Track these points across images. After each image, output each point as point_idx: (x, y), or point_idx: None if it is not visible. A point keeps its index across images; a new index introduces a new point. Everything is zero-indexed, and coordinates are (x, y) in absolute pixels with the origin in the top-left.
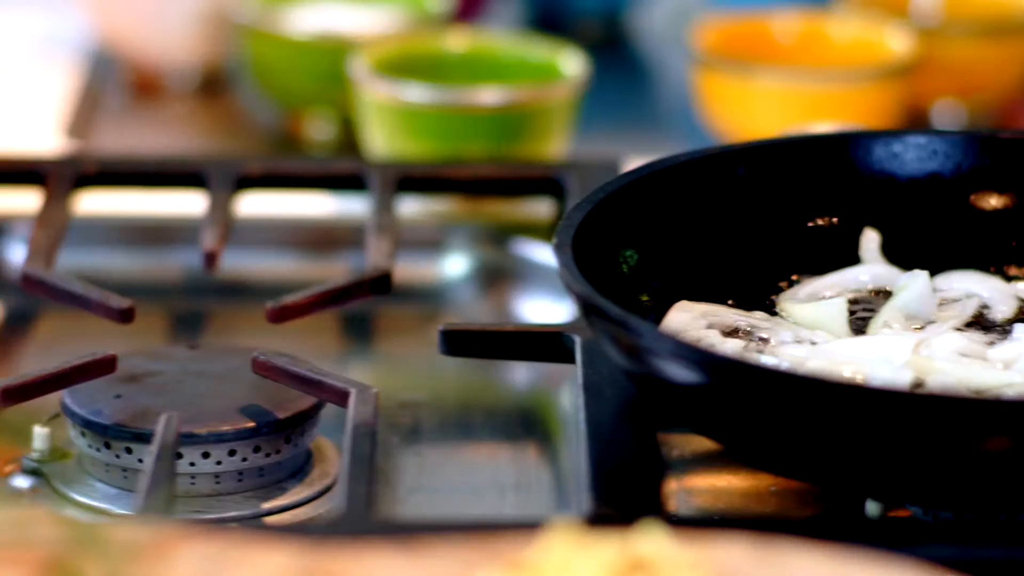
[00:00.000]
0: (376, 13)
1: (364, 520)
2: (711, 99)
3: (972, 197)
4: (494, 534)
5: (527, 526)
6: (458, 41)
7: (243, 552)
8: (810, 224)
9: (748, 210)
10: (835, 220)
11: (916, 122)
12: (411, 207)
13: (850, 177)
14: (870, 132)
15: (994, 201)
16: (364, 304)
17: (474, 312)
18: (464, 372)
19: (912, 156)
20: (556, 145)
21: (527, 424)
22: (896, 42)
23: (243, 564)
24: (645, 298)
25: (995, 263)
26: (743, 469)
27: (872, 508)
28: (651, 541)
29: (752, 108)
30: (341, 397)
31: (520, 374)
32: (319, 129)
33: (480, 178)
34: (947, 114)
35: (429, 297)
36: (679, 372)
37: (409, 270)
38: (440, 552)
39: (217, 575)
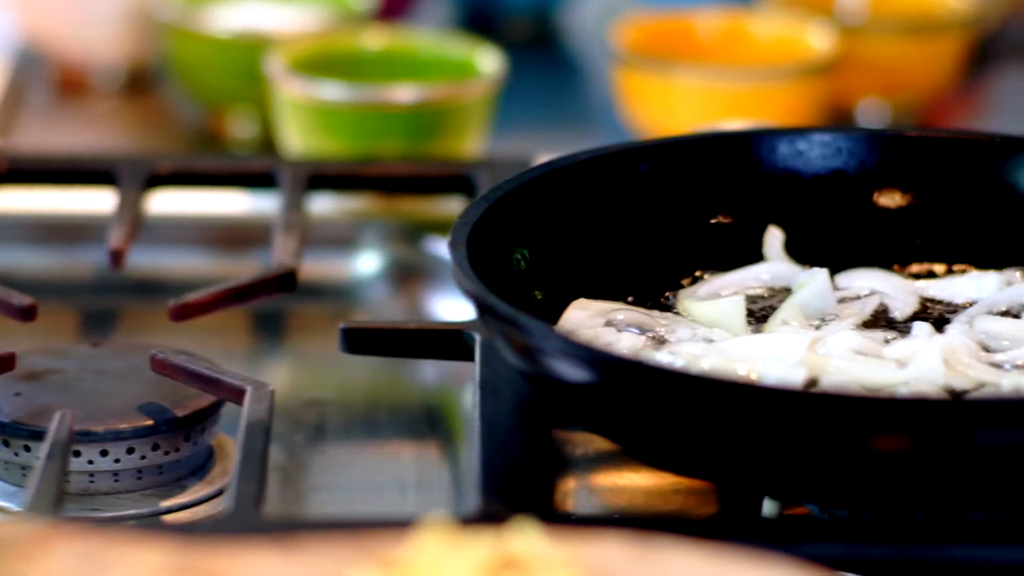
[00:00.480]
0: (299, 11)
1: (250, 519)
2: (632, 97)
3: (876, 195)
4: (374, 532)
5: (405, 524)
6: (375, 39)
7: (119, 550)
8: (713, 222)
9: (650, 207)
10: (739, 218)
11: (840, 120)
12: (325, 205)
13: (754, 175)
14: (774, 130)
15: (898, 199)
16: (276, 302)
17: (386, 310)
18: (373, 370)
19: (817, 154)
20: (473, 143)
21: (432, 422)
22: (817, 40)
23: (118, 562)
24: (538, 294)
25: (899, 261)
26: (646, 467)
27: (769, 507)
28: (524, 539)
29: (673, 106)
30: (237, 395)
31: (428, 372)
32: (241, 127)
33: (392, 176)
34: (872, 112)
35: (341, 295)
36: (568, 371)
37: (321, 268)
38: (316, 551)
39: (91, 573)
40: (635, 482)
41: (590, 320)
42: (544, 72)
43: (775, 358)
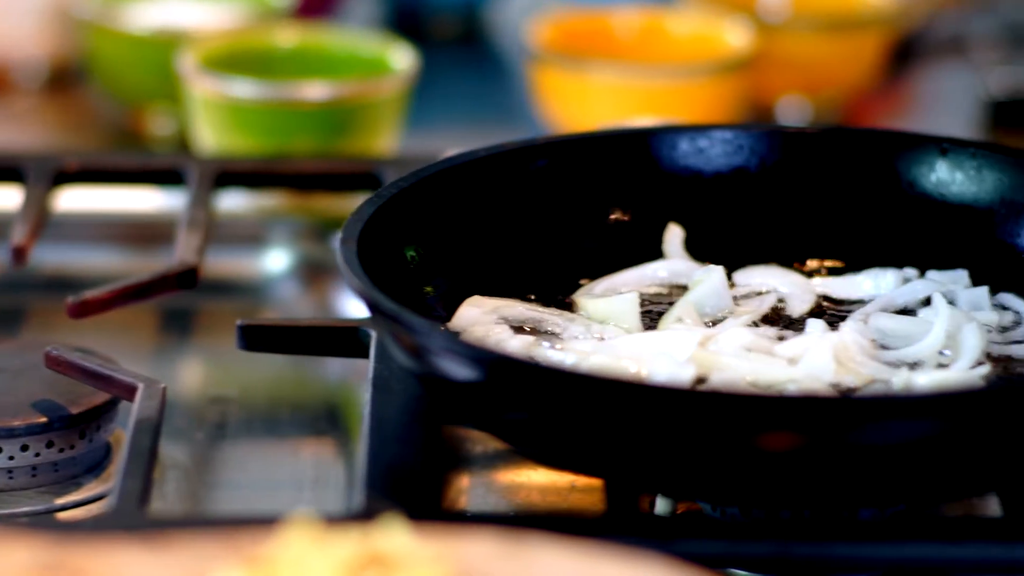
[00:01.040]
0: (218, 9)
1: (133, 517)
2: (549, 95)
3: (777, 192)
4: (245, 530)
5: (276, 522)
6: (288, 37)
7: None
8: (612, 219)
9: (548, 205)
10: (639, 215)
11: (761, 117)
12: (236, 202)
13: (654, 172)
14: (675, 127)
15: (798, 196)
16: (184, 299)
17: (295, 307)
18: (278, 368)
19: (718, 151)
20: (386, 140)
21: (333, 420)
22: (735, 38)
23: None
24: (429, 290)
25: (799, 258)
26: (540, 465)
27: (661, 504)
28: (391, 536)
29: (590, 104)
30: (129, 392)
31: (332, 370)
32: (160, 125)
33: (301, 173)
34: (792, 110)
35: (249, 293)
36: (453, 369)
37: (229, 265)
38: (184, 549)
39: None
40: (533, 479)
41: (483, 317)
42: (470, 70)
43: (664, 355)
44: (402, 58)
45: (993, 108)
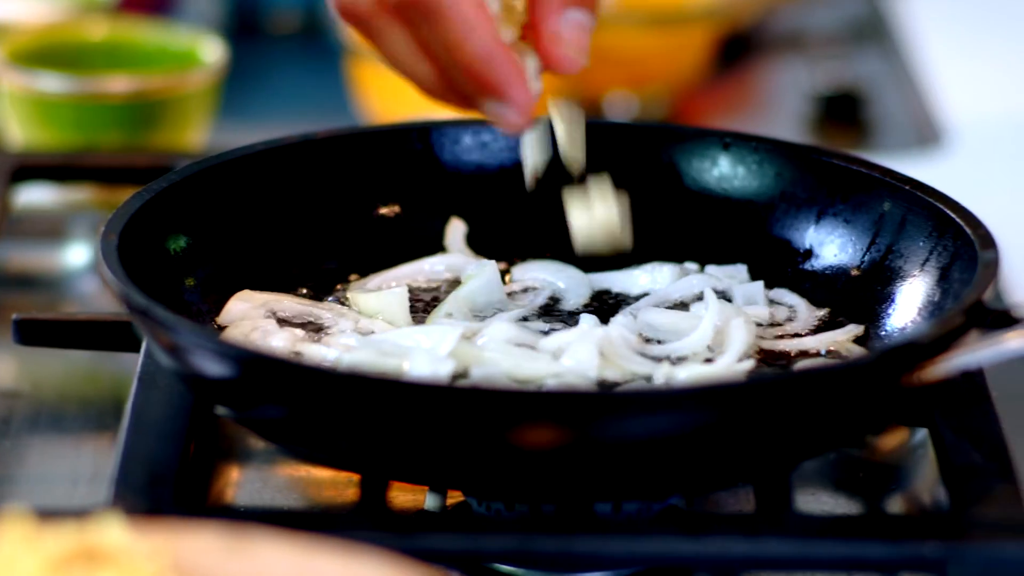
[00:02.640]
0: (41, 3)
1: None
2: (366, 88)
3: (561, 187)
4: None
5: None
6: (98, 31)
7: None
8: (386, 213)
9: (325, 199)
10: (419, 210)
11: (589, 112)
12: (40, 196)
13: (436, 166)
14: (459, 121)
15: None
16: None
17: (96, 302)
18: (73, 363)
19: (501, 145)
20: (194, 133)
21: (120, 415)
22: None
23: None
24: (190, 282)
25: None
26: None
27: (431, 500)
28: (107, 532)
29: (404, 97)
30: None
31: (127, 365)
32: None
33: (102, 167)
34: (620, 105)
35: (50, 287)
36: (203, 364)
37: (30, 259)
38: None
39: None
40: (313, 474)
41: (251, 311)
42: (309, 64)
43: (423, 350)
44: (212, 52)
45: (823, 103)
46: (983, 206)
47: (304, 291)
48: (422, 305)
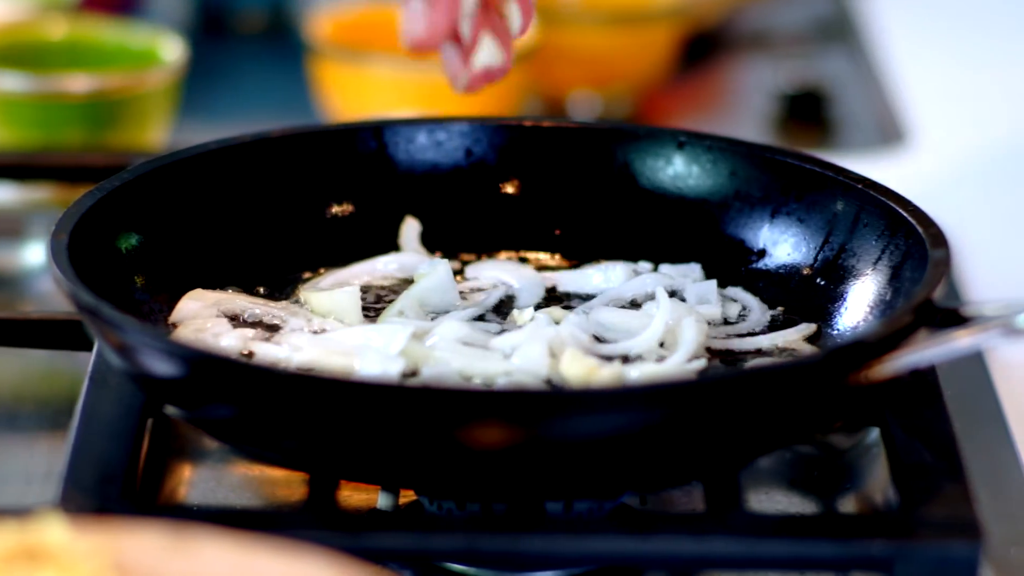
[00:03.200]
0: (3, 2)
1: None
2: (329, 87)
3: (506, 186)
4: None
5: None
6: (57, 30)
7: None
8: (338, 212)
9: (277, 198)
10: (372, 208)
11: (552, 111)
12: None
13: (389, 165)
14: (413, 120)
15: (540, 190)
16: None
17: (54, 301)
18: (28, 361)
19: (456, 144)
20: (154, 132)
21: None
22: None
23: None
24: (140, 280)
25: (537, 252)
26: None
27: (384, 499)
28: (48, 531)
29: (366, 96)
30: None
31: (83, 364)
32: None
33: (60, 166)
34: (583, 104)
35: (8, 286)
36: (151, 364)
37: None
38: None
39: None
40: (267, 473)
41: (204, 311)
42: (275, 63)
43: (373, 349)
44: (172, 51)
45: (788, 102)
46: (946, 205)
47: (258, 290)
48: (375, 303)
